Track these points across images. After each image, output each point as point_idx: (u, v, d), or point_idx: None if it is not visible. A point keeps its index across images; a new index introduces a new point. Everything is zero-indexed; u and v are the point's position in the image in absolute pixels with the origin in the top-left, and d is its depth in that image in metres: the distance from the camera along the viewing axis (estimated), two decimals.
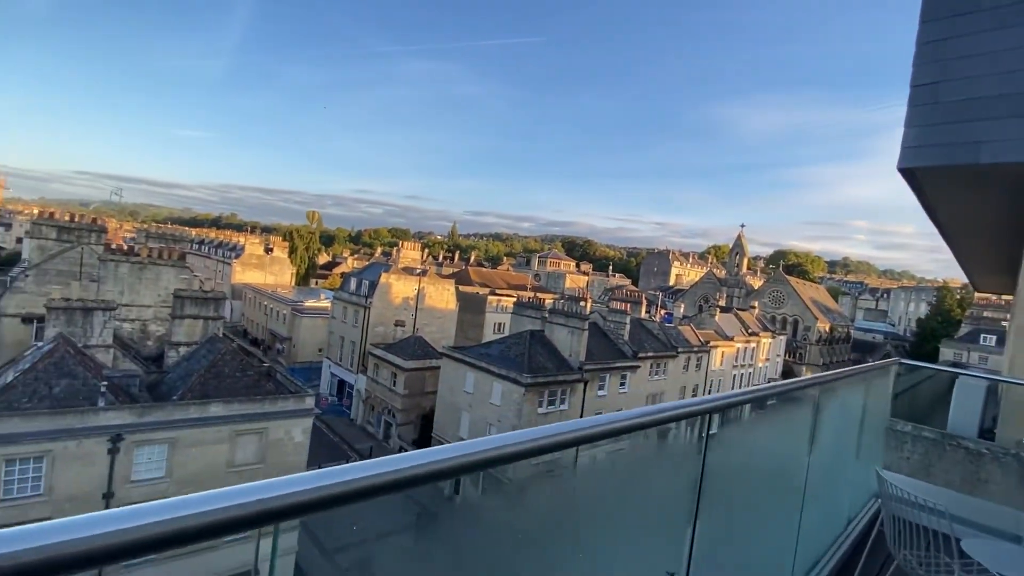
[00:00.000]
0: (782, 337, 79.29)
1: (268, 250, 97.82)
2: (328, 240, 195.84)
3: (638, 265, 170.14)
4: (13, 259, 55.58)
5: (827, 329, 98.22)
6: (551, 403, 35.20)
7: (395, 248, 66.27)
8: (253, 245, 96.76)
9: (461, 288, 69.94)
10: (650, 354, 45.26)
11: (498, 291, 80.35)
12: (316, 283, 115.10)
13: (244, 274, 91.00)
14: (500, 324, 67.71)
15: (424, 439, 43.10)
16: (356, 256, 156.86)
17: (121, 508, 0.89)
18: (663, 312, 59.05)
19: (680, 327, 54.20)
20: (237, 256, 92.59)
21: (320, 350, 63.81)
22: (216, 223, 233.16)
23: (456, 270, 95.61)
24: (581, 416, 37.33)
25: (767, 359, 72.30)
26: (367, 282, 53.58)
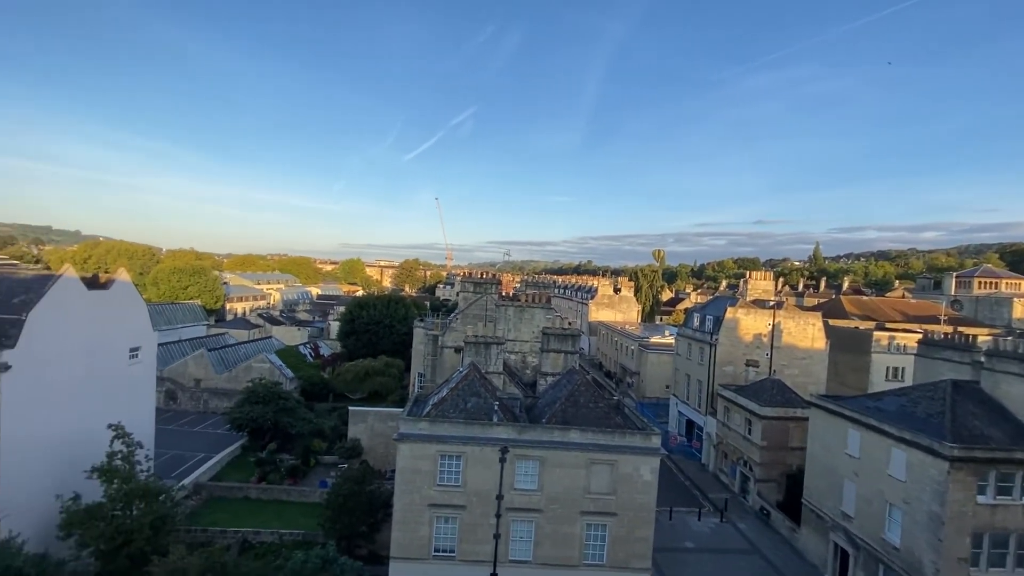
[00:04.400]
0: None
1: (617, 290, 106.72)
2: (671, 277, 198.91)
3: None
4: (454, 308, 79.24)
5: None
6: (1004, 491, 23.57)
7: (742, 280, 60.67)
8: (604, 287, 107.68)
9: (831, 322, 57.80)
10: None
11: (889, 325, 62.53)
12: (661, 319, 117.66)
13: (598, 312, 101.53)
14: (896, 369, 51.99)
15: (792, 503, 36.09)
16: (699, 291, 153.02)
17: None
18: None
19: None
20: (592, 297, 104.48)
21: (667, 386, 63.63)
22: (576, 270, 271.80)
23: (823, 300, 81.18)
24: None
25: None
26: (711, 318, 50.55)
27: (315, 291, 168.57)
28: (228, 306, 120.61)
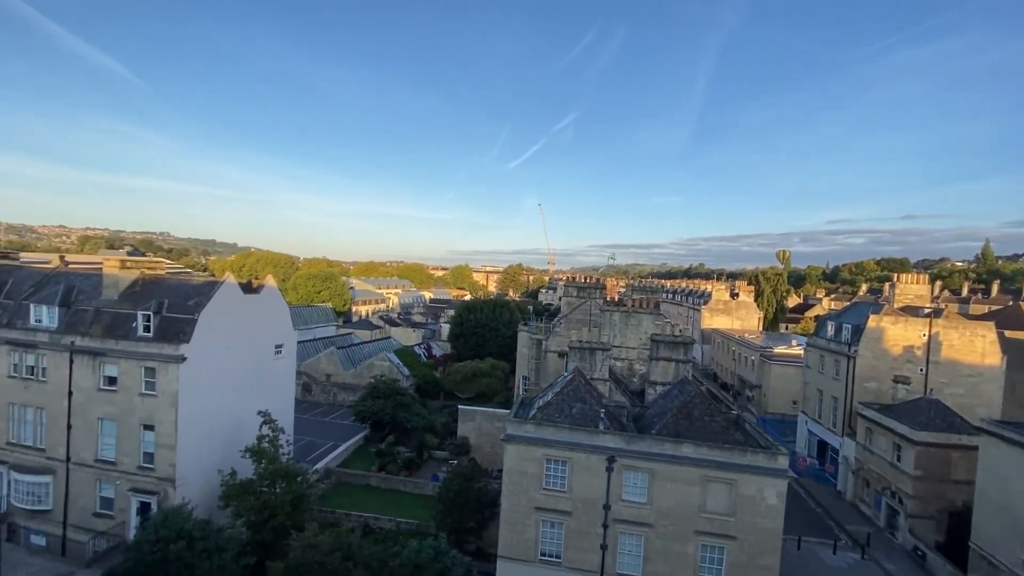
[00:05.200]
0: None
1: (734, 295, 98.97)
2: (797, 280, 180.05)
3: None
4: (556, 312, 79.40)
5: None
6: None
7: (888, 283, 52.93)
8: (719, 291, 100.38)
9: (1009, 334, 48.35)
10: None
11: None
12: (786, 327, 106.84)
13: (712, 319, 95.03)
14: None
15: (956, 545, 30.53)
16: (833, 296, 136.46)
17: None
18: None
19: None
20: (705, 303, 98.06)
21: (794, 402, 57.59)
22: (686, 274, 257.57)
23: (996, 307, 68.33)
24: None
25: None
26: (849, 326, 44.75)
27: (428, 295, 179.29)
28: (354, 308, 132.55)
